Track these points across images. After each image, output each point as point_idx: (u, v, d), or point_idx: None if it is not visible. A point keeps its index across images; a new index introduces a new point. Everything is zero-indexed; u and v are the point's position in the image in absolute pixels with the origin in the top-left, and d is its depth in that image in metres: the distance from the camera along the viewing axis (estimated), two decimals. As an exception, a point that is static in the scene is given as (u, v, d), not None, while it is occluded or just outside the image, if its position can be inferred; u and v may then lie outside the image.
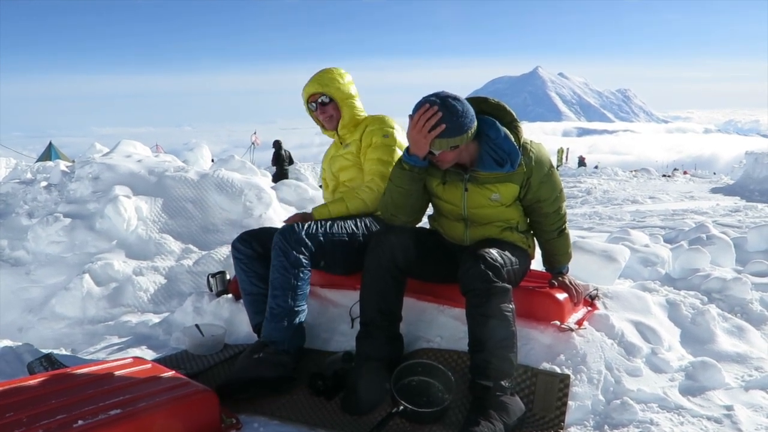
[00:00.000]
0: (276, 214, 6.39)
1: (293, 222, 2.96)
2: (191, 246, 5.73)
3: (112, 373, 2.41)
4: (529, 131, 2.62)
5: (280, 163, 16.38)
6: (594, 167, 27.04)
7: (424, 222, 2.87)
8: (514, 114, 2.63)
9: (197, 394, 2.27)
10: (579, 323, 2.78)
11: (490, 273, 2.36)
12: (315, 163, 20.23)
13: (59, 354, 3.38)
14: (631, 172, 23.94)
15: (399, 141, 3.17)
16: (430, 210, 2.87)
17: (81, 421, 1.96)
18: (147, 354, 3.48)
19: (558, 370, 2.54)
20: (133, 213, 5.92)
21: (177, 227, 6.06)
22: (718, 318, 3.35)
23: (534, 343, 2.69)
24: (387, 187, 2.67)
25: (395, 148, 3.14)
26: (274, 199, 6.59)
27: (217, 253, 5.14)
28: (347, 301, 3.07)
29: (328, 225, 2.91)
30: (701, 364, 2.78)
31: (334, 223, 2.94)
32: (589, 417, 2.42)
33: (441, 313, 2.92)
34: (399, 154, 3.11)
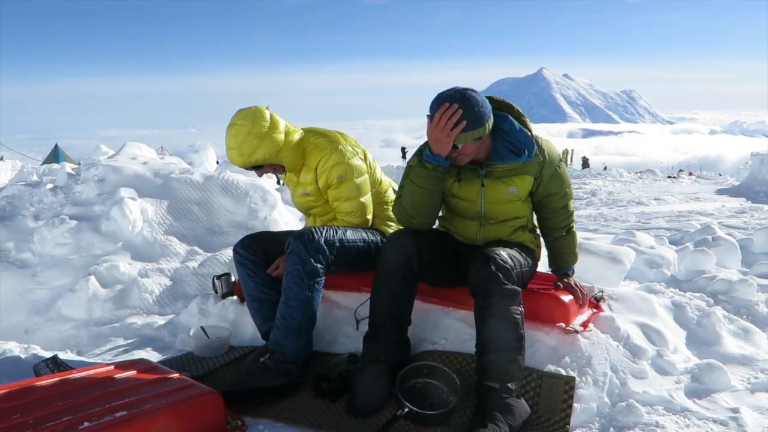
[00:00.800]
0: (281, 215, 6.39)
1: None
2: (196, 248, 5.73)
3: (117, 375, 2.42)
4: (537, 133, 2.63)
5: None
6: (603, 168, 26.78)
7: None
8: (521, 110, 2.66)
9: (203, 396, 2.28)
10: (584, 325, 2.78)
11: (500, 275, 2.36)
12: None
13: (65, 356, 3.39)
14: (636, 173, 23.87)
15: (356, 167, 3.02)
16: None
17: (87, 423, 1.97)
18: (152, 356, 3.48)
19: (563, 372, 2.54)
20: (139, 215, 5.93)
21: (182, 229, 6.07)
22: (723, 320, 3.35)
23: (539, 345, 2.68)
24: (405, 191, 2.60)
25: (356, 180, 3.01)
26: (279, 201, 6.59)
27: (223, 255, 5.14)
28: (352, 303, 3.07)
29: (342, 231, 2.89)
30: (707, 366, 2.78)
31: (348, 230, 2.92)
32: (595, 419, 2.41)
33: (446, 315, 2.92)
34: (364, 182, 3.04)
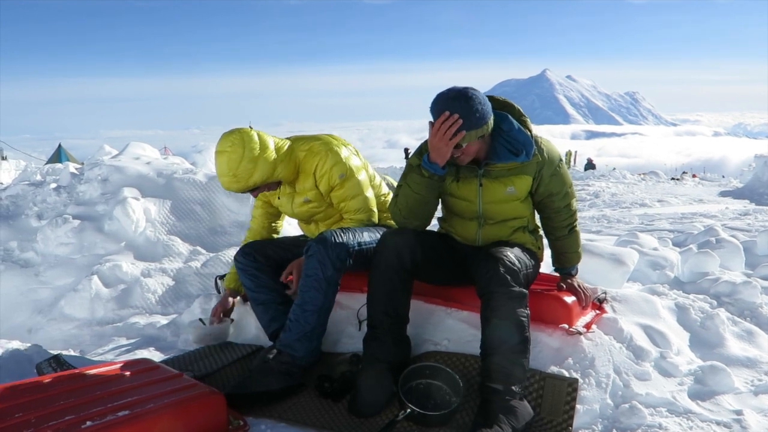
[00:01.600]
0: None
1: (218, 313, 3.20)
2: (199, 248, 5.75)
3: (120, 375, 2.42)
4: (537, 133, 2.63)
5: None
6: (612, 169, 26.53)
7: (433, 224, 2.86)
8: (522, 110, 2.66)
9: (205, 396, 2.28)
10: (587, 326, 2.77)
11: (508, 277, 2.36)
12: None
13: (68, 355, 3.39)
14: (640, 175, 23.80)
15: (355, 167, 3.02)
16: (439, 212, 2.86)
17: (89, 422, 1.97)
18: (155, 356, 3.49)
19: (566, 373, 2.53)
20: (142, 215, 5.94)
21: (185, 229, 6.08)
22: (727, 322, 3.34)
23: (542, 347, 2.68)
24: (401, 192, 2.61)
25: (358, 177, 3.02)
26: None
27: (225, 255, 5.15)
28: (355, 304, 3.07)
29: (359, 233, 2.89)
30: (710, 368, 2.77)
31: (364, 232, 2.93)
32: (597, 421, 2.41)
33: (448, 316, 2.91)
34: (364, 179, 3.05)
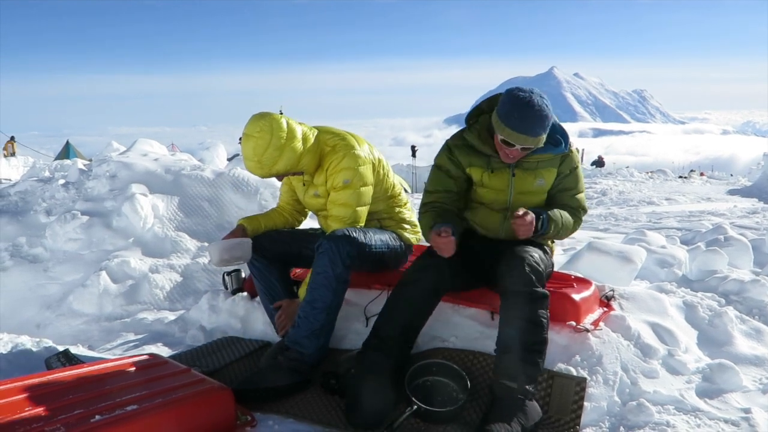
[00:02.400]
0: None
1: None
2: (207, 244, 5.76)
3: (128, 370, 2.43)
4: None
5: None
6: (626, 167, 26.28)
7: None
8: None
9: (213, 391, 2.29)
10: (595, 324, 2.77)
11: (533, 277, 2.38)
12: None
13: (76, 350, 3.41)
14: (647, 173, 23.70)
15: (364, 176, 2.93)
16: None
17: (98, 416, 1.98)
18: (163, 351, 3.50)
19: (573, 371, 2.53)
20: (150, 211, 5.96)
21: (193, 225, 6.09)
22: (735, 320, 3.32)
23: (550, 344, 2.64)
24: (423, 219, 2.72)
25: (360, 189, 2.91)
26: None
27: (233, 252, 5.16)
28: (362, 300, 3.07)
29: (371, 235, 2.90)
30: (718, 366, 2.76)
31: (375, 234, 2.94)
32: (605, 418, 2.41)
33: (456, 313, 2.91)
34: (366, 192, 2.94)
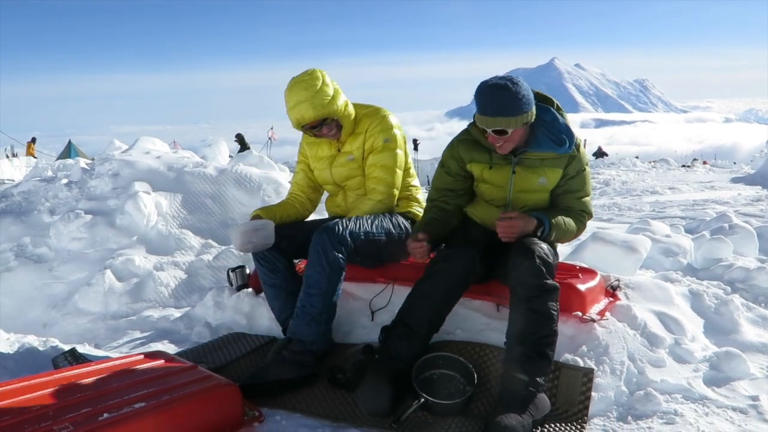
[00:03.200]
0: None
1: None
2: (211, 241, 5.77)
3: (135, 368, 2.43)
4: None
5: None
6: (635, 157, 26.14)
7: None
8: (559, 104, 2.69)
9: (220, 387, 2.29)
10: (601, 314, 2.76)
11: (544, 269, 2.36)
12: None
13: (83, 349, 3.41)
14: (650, 162, 23.62)
15: (400, 141, 3.04)
16: None
17: (106, 414, 1.98)
18: (169, 348, 3.50)
19: (580, 361, 2.53)
20: (153, 209, 5.96)
21: (196, 222, 6.10)
22: (741, 308, 3.32)
23: (556, 335, 2.67)
24: (425, 218, 2.83)
25: (397, 151, 3.02)
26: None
27: (237, 248, 5.17)
28: (368, 294, 3.07)
29: (368, 223, 2.89)
30: (725, 354, 2.75)
31: (374, 221, 2.93)
32: (613, 408, 2.40)
33: (461, 305, 2.89)
34: (401, 156, 3.04)
